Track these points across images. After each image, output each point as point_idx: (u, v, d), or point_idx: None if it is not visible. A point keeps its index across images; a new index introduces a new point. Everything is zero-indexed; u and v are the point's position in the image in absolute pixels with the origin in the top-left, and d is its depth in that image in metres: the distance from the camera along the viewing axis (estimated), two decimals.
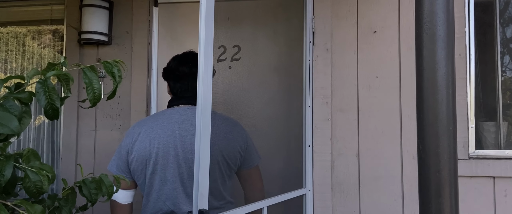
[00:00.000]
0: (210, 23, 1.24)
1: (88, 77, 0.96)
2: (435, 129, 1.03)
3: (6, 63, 2.74)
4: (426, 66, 1.06)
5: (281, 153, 2.32)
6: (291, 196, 1.91)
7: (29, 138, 2.62)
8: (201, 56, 1.22)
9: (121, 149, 1.66)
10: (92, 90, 0.97)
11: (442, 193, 1.02)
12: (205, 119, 1.24)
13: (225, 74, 2.40)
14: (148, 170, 1.59)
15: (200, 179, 1.23)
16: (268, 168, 2.32)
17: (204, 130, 1.24)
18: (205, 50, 1.22)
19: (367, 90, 2.13)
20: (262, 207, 1.68)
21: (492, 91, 2.22)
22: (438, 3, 1.06)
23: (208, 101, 1.24)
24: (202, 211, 1.24)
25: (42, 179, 0.92)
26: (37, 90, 0.91)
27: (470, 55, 2.08)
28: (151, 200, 1.61)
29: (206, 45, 1.22)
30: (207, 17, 1.22)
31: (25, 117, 0.92)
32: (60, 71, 0.94)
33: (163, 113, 1.68)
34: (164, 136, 1.59)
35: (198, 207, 1.24)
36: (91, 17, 2.32)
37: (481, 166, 2.00)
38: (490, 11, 2.25)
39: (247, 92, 2.37)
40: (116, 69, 1.02)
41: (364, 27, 2.17)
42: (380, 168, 2.09)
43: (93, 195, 1.12)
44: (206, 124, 1.24)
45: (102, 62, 1.01)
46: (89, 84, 0.96)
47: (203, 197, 1.25)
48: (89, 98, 0.97)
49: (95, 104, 0.98)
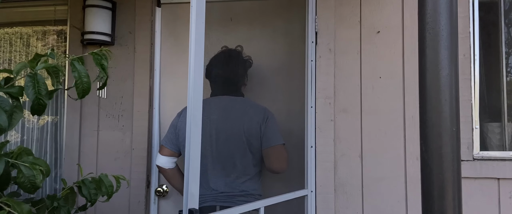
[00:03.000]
0: (200, 26, 1.27)
1: (77, 70, 0.96)
2: (438, 130, 1.02)
3: (10, 63, 2.75)
4: (429, 66, 1.04)
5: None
6: (291, 197, 1.90)
7: (33, 138, 2.63)
8: (191, 57, 1.25)
9: (171, 126, 2.05)
10: (81, 83, 0.96)
11: (445, 194, 1.01)
12: (195, 119, 1.27)
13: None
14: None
15: (190, 178, 1.26)
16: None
17: (194, 131, 1.27)
18: (195, 50, 1.25)
19: (371, 91, 2.12)
20: (259, 207, 1.71)
21: (497, 91, 2.20)
22: (441, 3, 1.05)
23: (198, 101, 1.28)
24: (191, 210, 1.27)
25: (35, 173, 0.91)
26: (26, 83, 0.90)
27: (474, 55, 2.06)
28: None
29: (196, 46, 1.25)
30: (197, 19, 1.25)
31: (16, 112, 0.91)
32: (49, 63, 0.93)
33: (211, 99, 2.05)
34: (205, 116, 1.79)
35: (188, 206, 1.27)
36: (94, 18, 2.32)
37: (485, 167, 1.99)
38: (494, 11, 2.23)
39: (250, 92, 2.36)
40: (104, 61, 1.02)
41: (368, 27, 2.15)
42: (383, 169, 2.07)
43: (92, 195, 1.12)
44: (196, 123, 1.27)
45: (91, 53, 1.01)
46: (78, 78, 0.96)
47: (193, 196, 1.28)
48: (77, 90, 0.97)
49: (84, 96, 0.98)
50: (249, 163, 1.94)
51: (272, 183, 2.27)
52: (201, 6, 1.26)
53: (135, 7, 2.41)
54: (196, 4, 1.23)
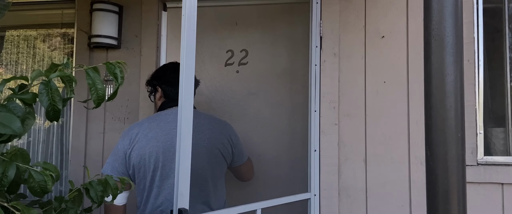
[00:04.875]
0: (192, 33, 1.29)
1: (91, 78, 0.97)
2: (443, 135, 1.03)
3: (17, 65, 2.77)
4: (435, 72, 1.05)
5: (285, 157, 2.32)
6: (293, 200, 1.90)
7: (39, 140, 2.65)
8: (183, 65, 1.28)
9: (118, 152, 1.73)
10: (95, 91, 0.98)
11: (450, 199, 1.02)
12: (186, 121, 1.29)
13: (233, 78, 2.41)
14: (149, 168, 1.69)
15: (180, 179, 1.29)
16: (272, 172, 2.32)
17: (185, 132, 1.29)
18: (187, 59, 1.28)
19: (375, 95, 2.13)
20: (255, 209, 1.71)
21: (501, 97, 2.21)
22: (446, 9, 1.06)
23: (189, 104, 1.30)
24: (181, 210, 1.29)
25: (46, 179, 0.93)
26: (40, 91, 0.92)
27: (478, 60, 2.07)
28: (152, 196, 1.71)
29: (187, 54, 1.28)
30: (189, 27, 1.28)
31: (29, 119, 0.92)
32: (64, 72, 0.94)
33: (158, 115, 1.81)
34: (162, 134, 1.70)
35: (178, 206, 1.29)
36: (101, 21, 2.35)
37: (489, 172, 1.99)
38: (498, 16, 2.24)
39: (255, 96, 2.38)
40: (118, 70, 1.03)
41: (372, 32, 2.16)
42: (387, 173, 2.08)
43: (99, 197, 1.13)
44: (187, 126, 1.29)
45: (105, 64, 1.02)
46: (93, 85, 0.97)
47: (183, 196, 1.30)
48: (92, 98, 0.98)
49: (99, 104, 0.99)
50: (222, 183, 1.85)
51: (275, 187, 2.28)
52: (192, 15, 1.29)
53: (142, 11, 2.43)
54: (188, 13, 1.26)
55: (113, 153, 1.76)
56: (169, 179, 1.69)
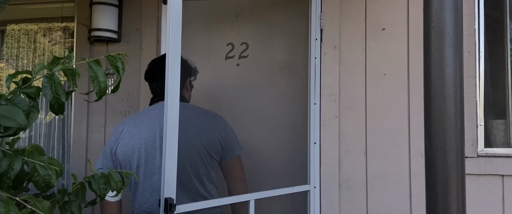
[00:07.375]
0: (177, 29, 1.33)
1: (93, 71, 0.98)
2: (442, 126, 1.03)
3: (18, 59, 2.78)
4: (434, 63, 1.05)
5: (285, 149, 2.33)
6: (291, 191, 1.91)
7: (40, 134, 2.66)
8: (169, 59, 1.29)
9: (106, 148, 1.74)
10: (98, 83, 0.98)
11: (449, 191, 1.02)
12: (172, 113, 1.29)
13: (233, 71, 2.41)
14: (132, 164, 1.67)
15: (166, 169, 1.28)
16: (271, 164, 2.33)
17: (171, 123, 1.29)
18: (171, 54, 1.31)
19: (375, 88, 2.13)
20: (248, 200, 1.70)
21: (502, 88, 2.20)
22: (446, 1, 1.06)
23: (175, 95, 1.30)
24: (167, 199, 1.30)
25: (51, 173, 0.94)
26: (44, 84, 0.92)
27: (479, 52, 2.06)
28: (138, 193, 1.69)
29: (172, 49, 1.31)
30: (173, 23, 1.28)
31: (33, 112, 0.93)
32: (66, 65, 0.95)
33: (144, 110, 1.77)
34: (146, 130, 1.67)
35: (165, 195, 1.30)
36: (101, 15, 2.34)
37: (490, 164, 1.99)
38: (500, 8, 2.23)
39: (256, 89, 2.38)
40: (120, 63, 1.04)
41: (373, 24, 2.16)
42: (388, 165, 2.08)
43: (102, 190, 1.14)
44: (173, 117, 1.29)
45: (106, 56, 1.02)
46: (95, 78, 0.98)
47: (169, 186, 1.30)
48: (95, 91, 0.98)
49: (101, 97, 0.99)
50: (210, 178, 1.74)
51: (274, 180, 2.28)
52: (177, 10, 1.31)
53: (142, 4, 2.43)
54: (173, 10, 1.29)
55: (103, 150, 1.77)
56: (153, 176, 1.64)
